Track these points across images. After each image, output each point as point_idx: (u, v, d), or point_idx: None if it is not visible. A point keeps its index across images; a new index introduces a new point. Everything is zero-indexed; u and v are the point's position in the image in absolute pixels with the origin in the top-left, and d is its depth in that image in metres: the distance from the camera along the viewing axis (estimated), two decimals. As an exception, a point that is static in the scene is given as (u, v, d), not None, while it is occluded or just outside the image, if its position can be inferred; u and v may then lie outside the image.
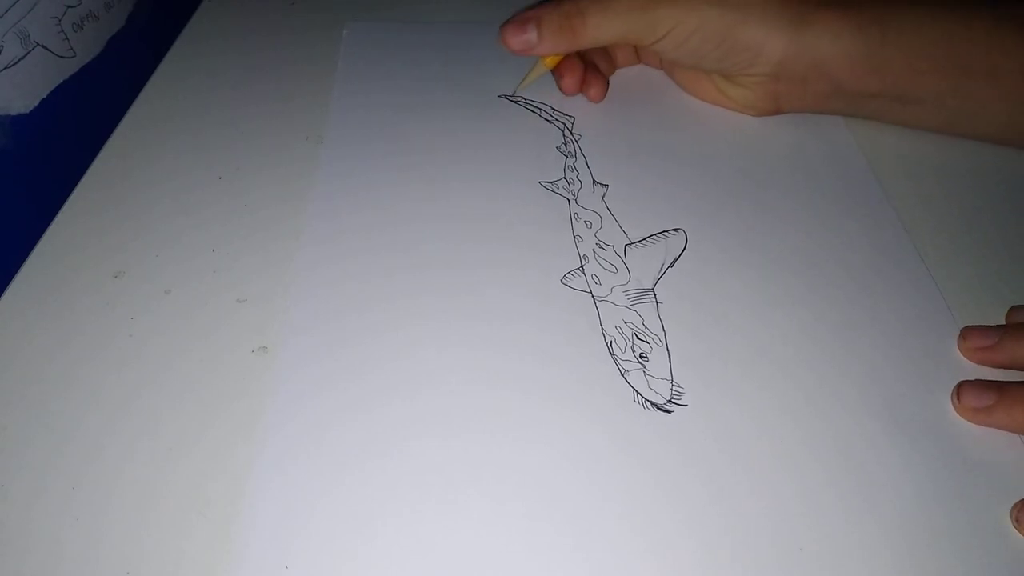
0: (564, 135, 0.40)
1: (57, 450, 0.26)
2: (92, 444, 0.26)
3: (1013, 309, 0.31)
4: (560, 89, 0.42)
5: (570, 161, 0.38)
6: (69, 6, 0.41)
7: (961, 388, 0.28)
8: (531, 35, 0.38)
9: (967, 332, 0.30)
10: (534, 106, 0.42)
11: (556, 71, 0.41)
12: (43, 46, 0.39)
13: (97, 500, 0.25)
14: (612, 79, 0.43)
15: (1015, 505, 0.25)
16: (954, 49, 0.35)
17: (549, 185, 0.37)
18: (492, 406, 0.27)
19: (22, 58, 0.38)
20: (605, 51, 0.43)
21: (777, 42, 0.36)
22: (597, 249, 0.33)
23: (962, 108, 0.36)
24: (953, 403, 0.28)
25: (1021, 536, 0.24)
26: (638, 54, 0.44)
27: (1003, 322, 0.30)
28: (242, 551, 0.23)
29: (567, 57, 0.41)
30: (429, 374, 0.28)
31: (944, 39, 0.35)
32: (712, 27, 0.36)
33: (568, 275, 0.32)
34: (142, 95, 0.42)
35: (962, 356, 0.29)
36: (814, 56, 0.36)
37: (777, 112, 0.40)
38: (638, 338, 0.30)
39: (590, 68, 0.41)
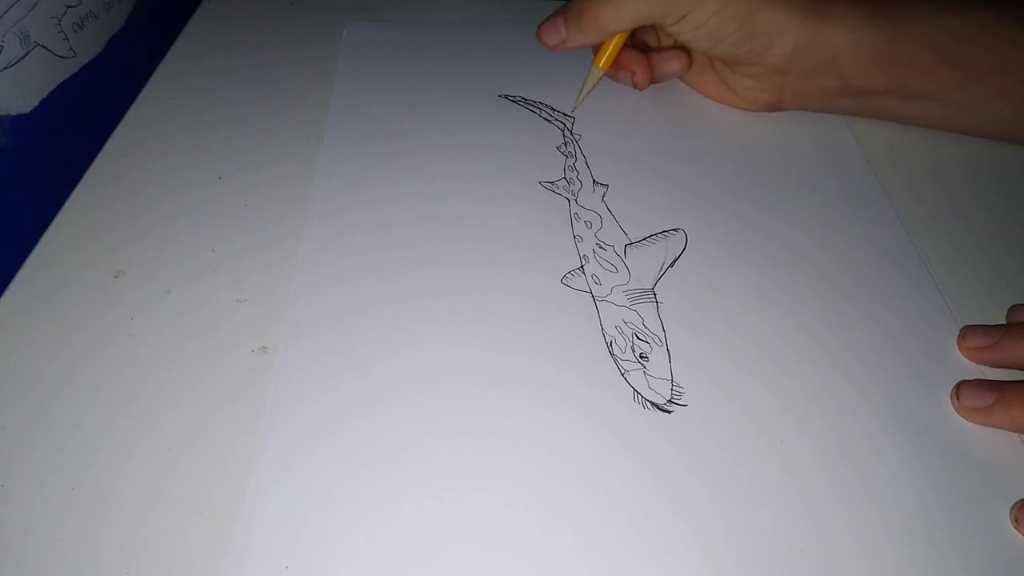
0: (564, 135, 0.40)
1: (57, 450, 0.26)
2: (92, 444, 0.26)
3: (1013, 308, 0.31)
4: (634, 86, 0.41)
5: (570, 161, 0.38)
6: (69, 6, 0.41)
7: (960, 388, 0.28)
8: (561, 30, 0.38)
9: (966, 332, 0.30)
10: (534, 106, 0.42)
11: (619, 70, 0.40)
12: (43, 46, 0.39)
13: (97, 500, 0.25)
14: (611, 77, 0.43)
15: (1015, 505, 0.25)
16: (961, 45, 0.35)
17: (549, 185, 0.37)
18: (491, 406, 0.27)
19: (22, 58, 0.38)
20: (645, 45, 0.42)
21: (793, 30, 0.36)
22: (597, 249, 0.33)
23: (967, 104, 0.36)
24: (952, 403, 0.28)
25: (1021, 536, 0.24)
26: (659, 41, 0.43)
27: (1003, 321, 0.30)
28: (242, 551, 0.23)
29: (623, 53, 0.40)
30: (428, 374, 0.28)
31: (951, 35, 0.35)
32: (733, 9, 0.36)
33: (568, 275, 0.32)
34: (142, 95, 0.42)
35: (962, 356, 0.30)
36: (826, 47, 0.36)
37: (778, 108, 0.40)
38: (638, 338, 0.30)
39: (655, 51, 0.41)
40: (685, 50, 0.41)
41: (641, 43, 0.43)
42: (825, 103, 0.39)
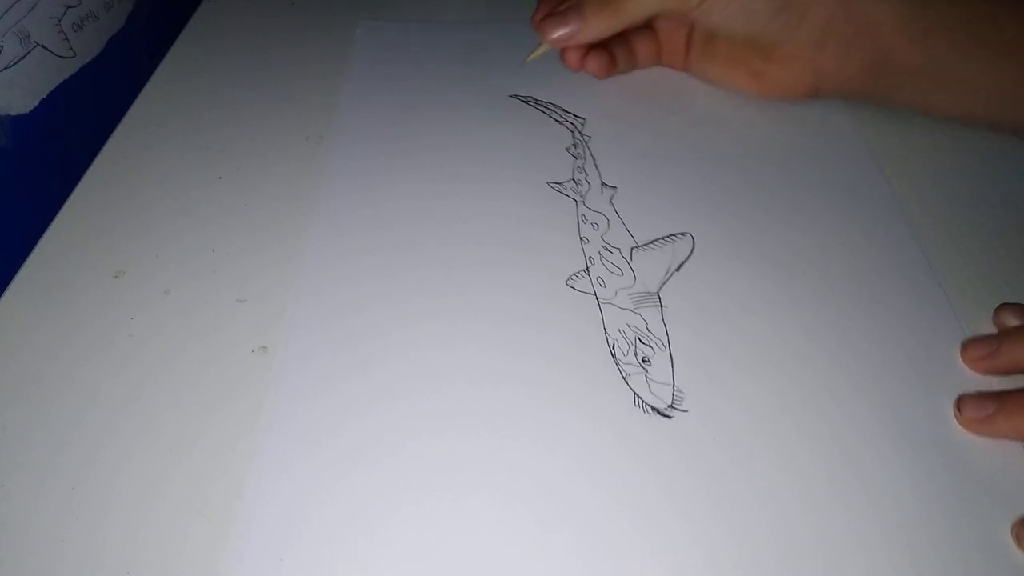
0: (574, 136, 0.40)
1: (57, 450, 0.26)
2: (92, 444, 0.26)
3: (998, 309, 0.30)
4: (563, 60, 0.40)
5: (579, 162, 0.38)
6: (69, 6, 0.41)
7: (961, 401, 0.28)
8: (573, 26, 0.37)
9: (967, 344, 0.29)
10: (545, 107, 0.41)
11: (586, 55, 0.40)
12: (43, 46, 0.39)
13: (97, 500, 0.25)
14: (626, 81, 0.43)
15: (1015, 523, 0.25)
16: (987, 22, 0.34)
17: (557, 186, 0.36)
18: (492, 407, 0.27)
19: (22, 58, 0.38)
20: (628, 45, 0.42)
21: None
22: (603, 251, 0.33)
23: (996, 90, 0.35)
24: (955, 416, 0.28)
25: (1021, 554, 0.24)
26: (660, 54, 0.43)
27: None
28: (241, 551, 0.23)
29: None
30: (429, 374, 0.28)
31: (983, 14, 0.34)
32: None
33: (573, 277, 0.32)
34: (142, 95, 0.42)
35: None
36: (861, 15, 0.35)
37: (816, 91, 0.38)
38: (641, 342, 0.30)
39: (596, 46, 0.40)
40: (607, 56, 0.40)
41: (625, 50, 0.42)
42: (863, 83, 0.37)
